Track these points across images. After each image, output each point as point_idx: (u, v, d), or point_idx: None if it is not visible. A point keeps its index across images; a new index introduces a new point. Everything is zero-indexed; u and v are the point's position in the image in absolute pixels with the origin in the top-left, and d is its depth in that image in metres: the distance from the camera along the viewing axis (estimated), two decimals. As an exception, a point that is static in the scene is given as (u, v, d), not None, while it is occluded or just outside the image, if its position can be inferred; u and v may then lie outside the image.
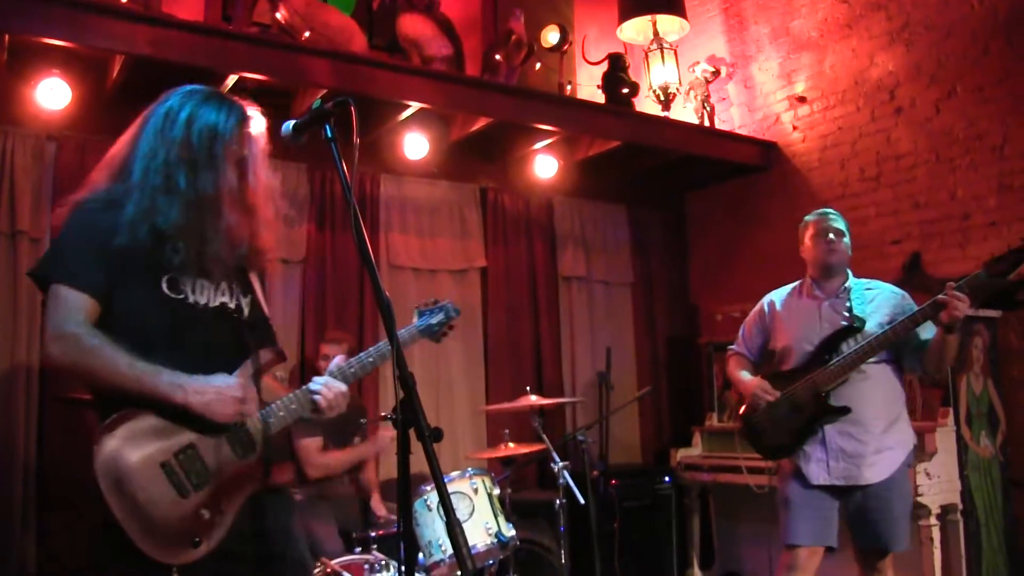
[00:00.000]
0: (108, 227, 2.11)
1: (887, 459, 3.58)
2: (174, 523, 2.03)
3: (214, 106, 2.27)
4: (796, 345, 3.76)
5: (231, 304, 2.29)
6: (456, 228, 5.96)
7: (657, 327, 6.73)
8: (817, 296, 3.81)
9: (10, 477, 4.28)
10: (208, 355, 2.18)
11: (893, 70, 5.56)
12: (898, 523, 3.58)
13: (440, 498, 1.65)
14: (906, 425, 3.70)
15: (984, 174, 5.08)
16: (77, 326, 2.05)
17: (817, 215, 3.87)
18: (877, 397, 3.63)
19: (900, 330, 3.50)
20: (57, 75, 4.37)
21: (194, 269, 2.19)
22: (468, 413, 5.77)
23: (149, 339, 2.10)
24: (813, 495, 3.63)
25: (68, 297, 2.08)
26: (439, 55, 5.36)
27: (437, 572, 3.71)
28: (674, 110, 6.42)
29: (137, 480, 2.00)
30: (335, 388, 2.32)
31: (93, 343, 2.04)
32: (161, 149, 2.18)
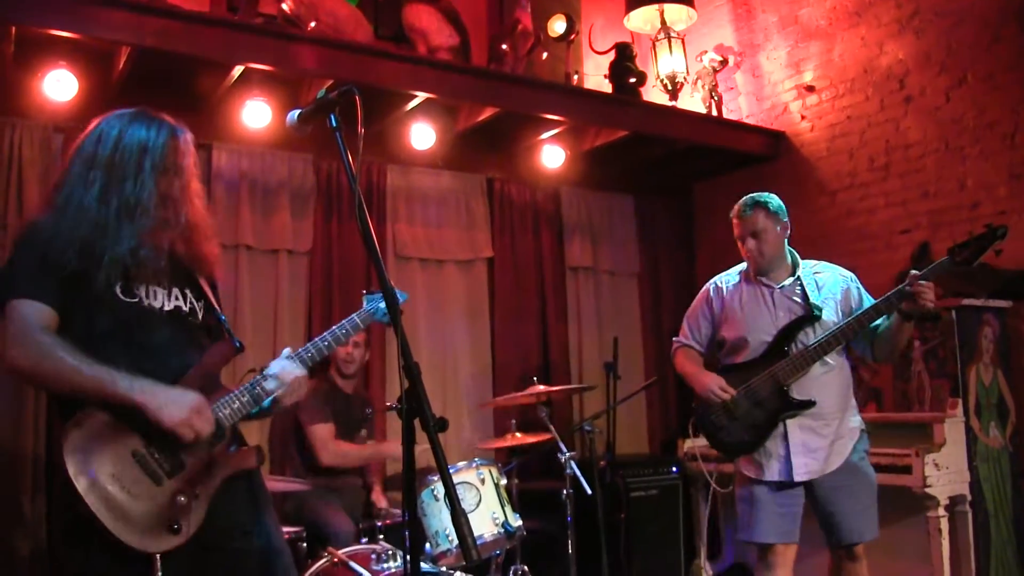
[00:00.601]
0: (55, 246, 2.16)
1: (841, 448, 3.54)
2: (152, 511, 2.06)
3: (143, 123, 2.32)
4: (751, 336, 3.65)
5: (185, 307, 2.35)
6: (463, 218, 5.95)
7: (664, 317, 6.71)
8: (767, 284, 3.70)
9: (19, 467, 4.31)
10: (163, 354, 2.22)
11: (903, 58, 5.53)
12: (867, 512, 3.54)
13: (445, 487, 1.65)
14: (854, 412, 3.65)
15: (995, 163, 5.04)
16: (36, 332, 2.09)
17: (734, 216, 3.75)
18: (835, 388, 3.58)
19: (864, 320, 3.47)
20: (64, 67, 4.37)
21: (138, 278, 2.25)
22: (475, 403, 5.77)
23: (105, 341, 2.15)
24: (779, 494, 3.56)
25: (27, 309, 2.11)
26: (445, 45, 5.35)
27: (444, 561, 3.73)
28: (682, 100, 6.39)
29: (111, 472, 2.02)
30: (291, 372, 2.36)
31: (53, 347, 2.07)
32: (91, 171, 2.24)
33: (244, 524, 2.28)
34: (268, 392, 2.32)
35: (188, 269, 2.40)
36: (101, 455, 2.02)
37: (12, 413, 4.32)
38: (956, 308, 4.55)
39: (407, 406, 1.73)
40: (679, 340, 3.98)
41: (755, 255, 3.66)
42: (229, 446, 2.26)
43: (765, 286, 3.70)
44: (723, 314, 3.79)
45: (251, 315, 5.04)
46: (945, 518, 4.29)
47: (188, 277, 2.40)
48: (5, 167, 4.42)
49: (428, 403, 1.72)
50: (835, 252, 5.41)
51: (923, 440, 4.39)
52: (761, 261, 3.66)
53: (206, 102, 4.83)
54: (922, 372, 4.63)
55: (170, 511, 2.08)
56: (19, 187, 4.41)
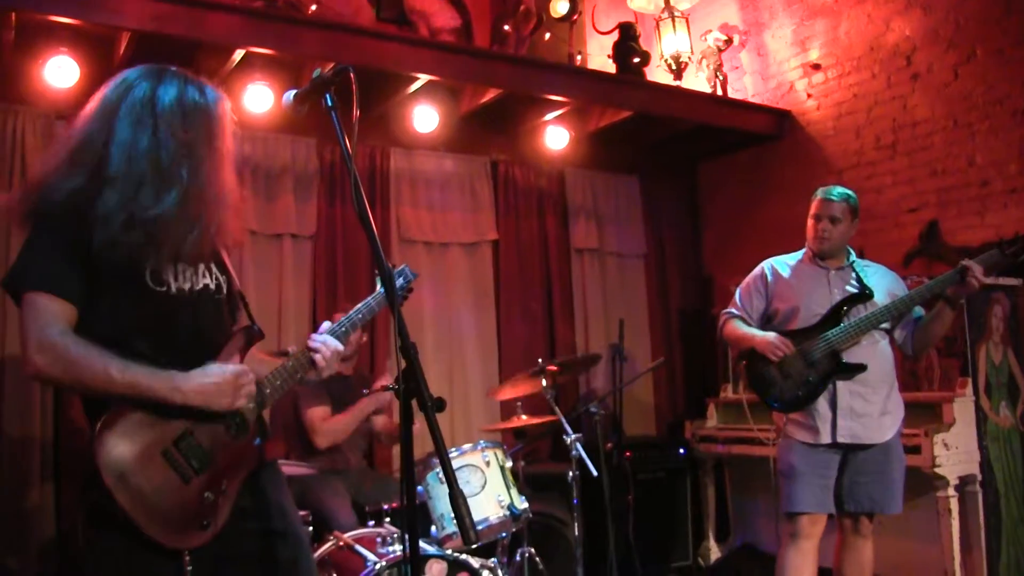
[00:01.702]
0: (79, 226, 2.01)
1: (889, 423, 3.74)
2: (181, 508, 2.04)
3: (196, 87, 2.19)
4: (804, 307, 3.84)
5: (212, 285, 2.27)
6: (467, 201, 5.93)
7: (670, 298, 6.69)
8: (823, 266, 3.91)
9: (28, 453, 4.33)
10: (195, 341, 2.16)
11: (910, 35, 5.47)
12: (896, 485, 3.74)
13: (442, 467, 1.64)
14: (899, 394, 3.84)
15: (1004, 140, 4.99)
16: (61, 335, 1.98)
17: (822, 195, 3.92)
18: (883, 362, 3.77)
19: (916, 297, 3.68)
20: (65, 53, 4.36)
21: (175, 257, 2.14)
22: (481, 386, 5.76)
23: (135, 334, 2.07)
24: (818, 462, 3.73)
25: (46, 305, 2.00)
26: (447, 26, 5.32)
27: (450, 544, 3.71)
28: (686, 79, 6.35)
29: (141, 471, 1.99)
30: (332, 346, 2.32)
31: (80, 352, 1.97)
32: (144, 136, 2.07)
33: (267, 508, 2.26)
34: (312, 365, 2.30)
35: (212, 241, 2.28)
36: (132, 453, 1.98)
37: (21, 399, 4.33)
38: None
39: (404, 386, 1.71)
40: (729, 312, 4.12)
41: (824, 236, 3.85)
42: (254, 439, 2.23)
43: (822, 268, 3.90)
44: (777, 288, 3.97)
45: (255, 299, 5.02)
46: (955, 498, 4.27)
47: (213, 251, 2.30)
48: (8, 154, 4.42)
49: (426, 383, 1.70)
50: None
51: (932, 420, 4.37)
52: (826, 245, 3.85)
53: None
54: (931, 351, 4.60)
55: (199, 508, 2.06)
56: (22, 174, 4.40)
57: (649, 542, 5.44)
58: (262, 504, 2.23)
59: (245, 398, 2.12)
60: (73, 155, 2.08)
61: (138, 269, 2.08)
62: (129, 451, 1.98)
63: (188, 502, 2.05)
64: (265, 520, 2.23)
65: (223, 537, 2.10)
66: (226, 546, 2.12)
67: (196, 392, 2.03)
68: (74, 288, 2.02)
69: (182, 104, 2.13)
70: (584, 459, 4.29)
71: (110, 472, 1.94)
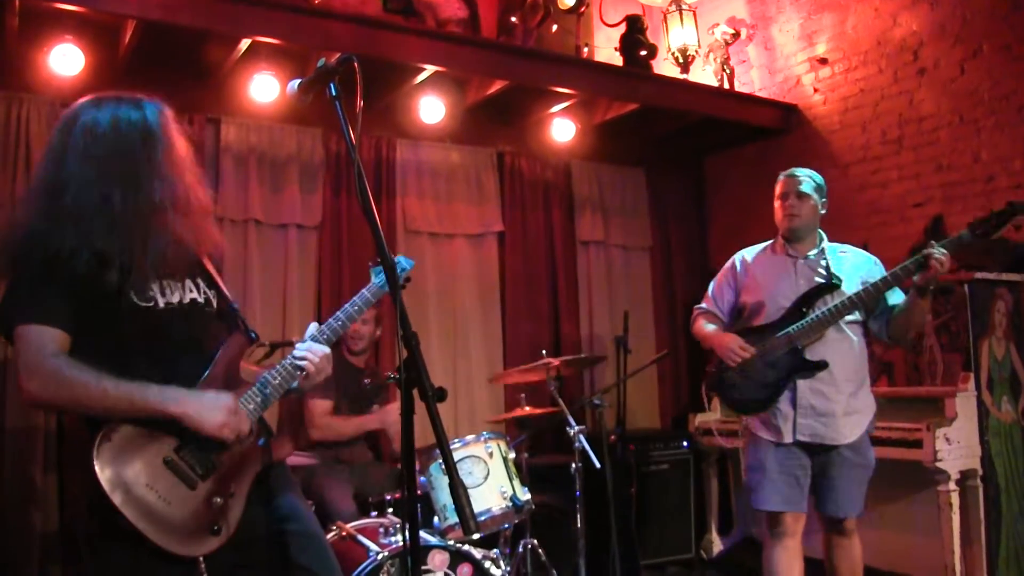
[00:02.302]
0: (57, 256, 2.03)
1: (855, 422, 3.61)
2: (191, 515, 2.04)
3: (131, 105, 2.20)
4: (770, 300, 3.73)
5: (200, 299, 2.28)
6: (473, 193, 5.93)
7: (675, 291, 6.69)
8: (792, 254, 3.78)
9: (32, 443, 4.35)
10: (182, 354, 2.18)
11: (917, 30, 5.45)
12: (859, 489, 3.63)
13: (442, 455, 1.65)
14: (869, 392, 3.72)
15: (1010, 135, 4.98)
16: (52, 357, 2.00)
17: (785, 175, 3.83)
18: (850, 359, 3.63)
19: (881, 286, 3.51)
20: (70, 41, 4.36)
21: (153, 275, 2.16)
22: (486, 377, 5.77)
23: (123, 351, 2.09)
24: (786, 459, 3.62)
25: (37, 334, 2.02)
26: (454, 17, 5.31)
27: (452, 535, 3.73)
28: (693, 72, 6.34)
29: (145, 483, 2.00)
30: (318, 351, 2.31)
31: (72, 373, 1.99)
32: (90, 167, 2.09)
33: (279, 516, 2.26)
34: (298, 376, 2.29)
35: (194, 254, 2.31)
36: (134, 466, 1.99)
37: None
38: (969, 282, 4.51)
39: (405, 376, 1.72)
40: (700, 307, 4.07)
41: (792, 213, 3.73)
42: (258, 439, 2.23)
43: (790, 256, 3.78)
44: (746, 280, 3.88)
45: (260, 290, 5.05)
46: (956, 492, 4.27)
47: (196, 264, 2.32)
48: (13, 142, 4.42)
49: (427, 373, 1.71)
50: (848, 226, 5.40)
51: (934, 414, 4.37)
52: (796, 222, 3.72)
53: (213, 76, 4.82)
54: (934, 346, 4.60)
55: (208, 513, 2.06)
56: (27, 162, 4.42)
57: (652, 534, 5.46)
58: (274, 508, 2.23)
59: (231, 432, 2.10)
60: (37, 199, 2.12)
61: (121, 288, 2.10)
62: (130, 464, 1.99)
63: (197, 508, 2.05)
64: (278, 523, 2.23)
65: (238, 545, 2.10)
66: (242, 554, 2.13)
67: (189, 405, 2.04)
68: (63, 315, 2.04)
69: (118, 125, 2.14)
70: (587, 451, 4.30)
71: (114, 488, 1.95)
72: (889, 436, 4.39)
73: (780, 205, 3.79)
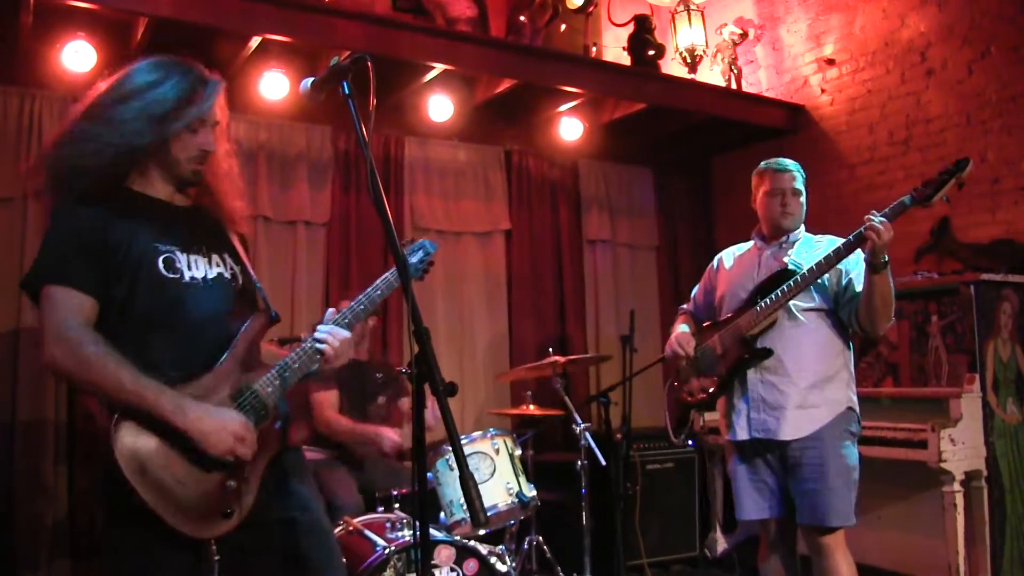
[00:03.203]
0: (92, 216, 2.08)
1: (809, 417, 3.33)
2: (204, 498, 2.04)
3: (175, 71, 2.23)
4: (730, 293, 3.58)
5: (227, 274, 2.28)
6: (481, 191, 5.95)
7: (682, 290, 6.69)
8: (760, 247, 3.61)
9: (42, 435, 4.38)
10: (206, 330, 2.17)
11: (924, 31, 5.46)
12: (836, 494, 3.25)
13: (453, 449, 1.66)
14: (842, 387, 3.41)
15: (1017, 137, 4.98)
16: (76, 329, 2.01)
17: (775, 168, 3.59)
18: (808, 349, 3.38)
19: (824, 264, 3.25)
20: (82, 37, 4.40)
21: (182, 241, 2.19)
22: (492, 374, 5.79)
23: (150, 323, 2.10)
24: (749, 461, 3.46)
25: (63, 298, 2.04)
26: (463, 16, 5.33)
27: (459, 531, 3.75)
28: (701, 72, 6.36)
29: (161, 463, 2.00)
30: (339, 335, 2.29)
31: (94, 354, 1.99)
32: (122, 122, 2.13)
33: (290, 495, 2.26)
34: (318, 360, 2.27)
35: (222, 230, 2.35)
36: (150, 446, 1.99)
37: (34, 381, 4.38)
38: (975, 283, 4.51)
39: (417, 370, 1.74)
40: (681, 308, 3.99)
41: (788, 212, 3.52)
42: (275, 423, 2.22)
43: (758, 249, 3.63)
44: (718, 277, 3.76)
45: (269, 287, 5.00)
46: (960, 493, 4.27)
47: (224, 240, 2.34)
48: (25, 137, 4.46)
49: (438, 367, 1.72)
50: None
51: (939, 415, 4.37)
52: (790, 220, 3.53)
53: (224, 73, 4.72)
54: (939, 347, 4.61)
55: (221, 497, 2.06)
56: (39, 157, 4.45)
57: (656, 532, 5.47)
58: (283, 493, 2.23)
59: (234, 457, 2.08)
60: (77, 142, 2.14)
61: (151, 257, 2.12)
62: (147, 443, 1.99)
63: (210, 491, 2.05)
64: (286, 510, 2.23)
65: (247, 528, 2.10)
66: (250, 537, 2.13)
67: (198, 420, 2.02)
68: (92, 282, 2.06)
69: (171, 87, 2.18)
70: (593, 448, 4.33)
71: (129, 466, 1.96)
72: (894, 436, 4.41)
73: (770, 203, 3.56)
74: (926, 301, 4.67)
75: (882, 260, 3.16)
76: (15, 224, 4.42)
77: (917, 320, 4.71)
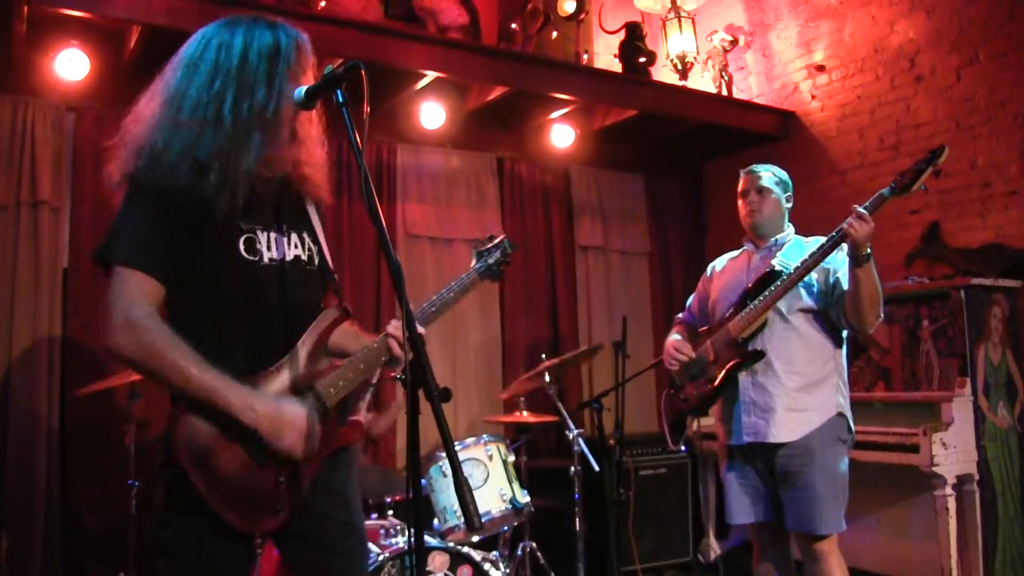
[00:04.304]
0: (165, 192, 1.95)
1: (799, 420, 3.34)
2: (254, 493, 2.01)
3: (267, 27, 2.13)
4: (722, 297, 3.62)
5: (304, 256, 2.20)
6: (473, 198, 5.97)
7: (674, 297, 6.72)
8: (750, 251, 3.66)
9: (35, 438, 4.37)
10: (279, 318, 2.10)
11: (913, 37, 5.50)
12: (824, 502, 3.27)
13: (447, 453, 1.67)
14: (832, 392, 3.42)
15: (1006, 142, 5.02)
16: (148, 317, 1.93)
17: (743, 172, 3.68)
18: (798, 351, 3.40)
19: (810, 262, 3.28)
20: (75, 46, 4.41)
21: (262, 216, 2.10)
22: (484, 381, 5.80)
23: (225, 310, 2.03)
24: (740, 466, 3.49)
25: (135, 282, 1.95)
26: (455, 24, 5.35)
27: (452, 537, 3.76)
28: (692, 79, 6.39)
29: (218, 453, 1.98)
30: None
31: (164, 344, 1.93)
32: (216, 80, 2.03)
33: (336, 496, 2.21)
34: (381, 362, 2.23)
35: (303, 204, 2.24)
36: (209, 436, 1.97)
37: (27, 387, 4.37)
38: (965, 287, 4.54)
39: (411, 377, 1.74)
40: (677, 317, 4.02)
41: (754, 209, 3.59)
42: (336, 422, 2.18)
43: (747, 253, 3.67)
44: (711, 284, 3.79)
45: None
46: (952, 497, 4.29)
47: (303, 213, 2.24)
48: (18, 146, 4.45)
49: (432, 373, 1.73)
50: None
51: (931, 419, 4.39)
52: (758, 218, 3.59)
53: None
54: (931, 351, 4.63)
55: (273, 494, 2.03)
56: (32, 166, 4.45)
57: (649, 538, 5.48)
58: (327, 492, 2.17)
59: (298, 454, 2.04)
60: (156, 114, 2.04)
61: (231, 237, 2.05)
62: (207, 432, 1.97)
63: (261, 486, 2.02)
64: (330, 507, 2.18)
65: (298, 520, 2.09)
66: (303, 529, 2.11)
67: (267, 417, 1.98)
68: (164, 266, 1.97)
69: (250, 48, 2.08)
70: (586, 454, 4.34)
71: (187, 452, 1.95)
72: (886, 441, 4.43)
73: (742, 203, 3.65)
74: (917, 306, 4.70)
75: (863, 253, 3.18)
76: (7, 231, 4.42)
77: (908, 325, 4.73)
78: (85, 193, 4.57)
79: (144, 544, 4.03)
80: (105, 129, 4.41)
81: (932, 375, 4.64)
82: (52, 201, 4.48)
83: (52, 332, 4.45)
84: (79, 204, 4.59)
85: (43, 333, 4.41)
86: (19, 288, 4.39)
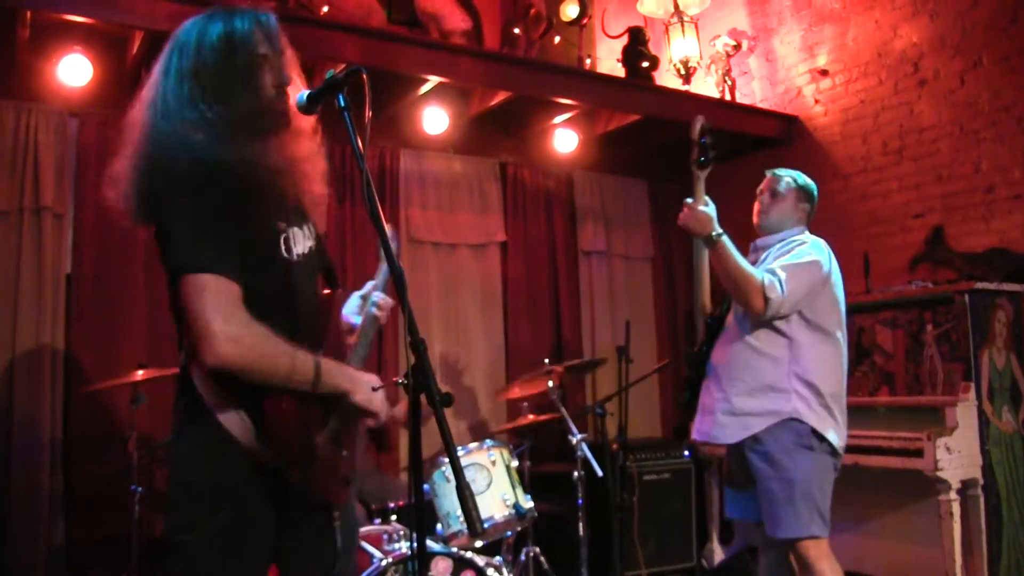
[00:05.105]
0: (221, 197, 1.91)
1: (742, 423, 3.36)
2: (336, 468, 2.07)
3: (221, 18, 2.08)
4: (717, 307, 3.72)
5: (315, 247, 2.21)
6: (476, 203, 5.97)
7: (677, 301, 6.73)
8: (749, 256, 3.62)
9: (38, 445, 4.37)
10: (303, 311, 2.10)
11: (917, 41, 5.49)
12: (777, 505, 3.26)
13: (449, 458, 1.67)
14: (786, 398, 3.34)
15: (1009, 146, 5.01)
16: (248, 324, 1.89)
17: (769, 173, 3.77)
18: (740, 354, 3.42)
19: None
20: (78, 52, 4.41)
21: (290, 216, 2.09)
22: (488, 386, 5.80)
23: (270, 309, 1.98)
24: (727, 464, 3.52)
25: (224, 289, 1.88)
26: (458, 29, 5.36)
27: (455, 543, 3.75)
28: (695, 84, 6.38)
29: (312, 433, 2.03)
30: (390, 301, 2.33)
31: (272, 343, 1.91)
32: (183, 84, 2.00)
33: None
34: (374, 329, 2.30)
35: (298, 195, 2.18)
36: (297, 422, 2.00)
37: (30, 392, 4.37)
38: (969, 292, 4.53)
39: (413, 382, 1.74)
40: None
41: (761, 209, 3.66)
42: None
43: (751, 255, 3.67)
44: None
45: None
46: (957, 502, 4.28)
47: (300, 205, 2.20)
48: (21, 151, 4.45)
49: (434, 378, 1.73)
50: (849, 236, 5.44)
51: (935, 424, 4.38)
52: (762, 219, 3.65)
53: None
54: (935, 356, 4.62)
55: (345, 465, 2.10)
56: (35, 172, 4.45)
57: (653, 543, 5.47)
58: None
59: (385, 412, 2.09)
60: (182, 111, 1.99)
61: (274, 236, 2.05)
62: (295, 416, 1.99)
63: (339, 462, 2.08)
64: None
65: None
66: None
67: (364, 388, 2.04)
68: (237, 266, 1.92)
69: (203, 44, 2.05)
70: (589, 459, 4.33)
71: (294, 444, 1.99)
72: (890, 445, 4.41)
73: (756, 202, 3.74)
74: (921, 310, 4.68)
75: (708, 237, 3.41)
76: (10, 237, 4.42)
77: (912, 329, 4.72)
78: (88, 199, 4.57)
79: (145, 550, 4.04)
80: (108, 135, 4.42)
81: (936, 379, 4.63)
82: (55, 207, 4.49)
83: (55, 337, 4.45)
84: (82, 210, 4.60)
85: (46, 339, 4.41)
86: (22, 294, 4.40)
